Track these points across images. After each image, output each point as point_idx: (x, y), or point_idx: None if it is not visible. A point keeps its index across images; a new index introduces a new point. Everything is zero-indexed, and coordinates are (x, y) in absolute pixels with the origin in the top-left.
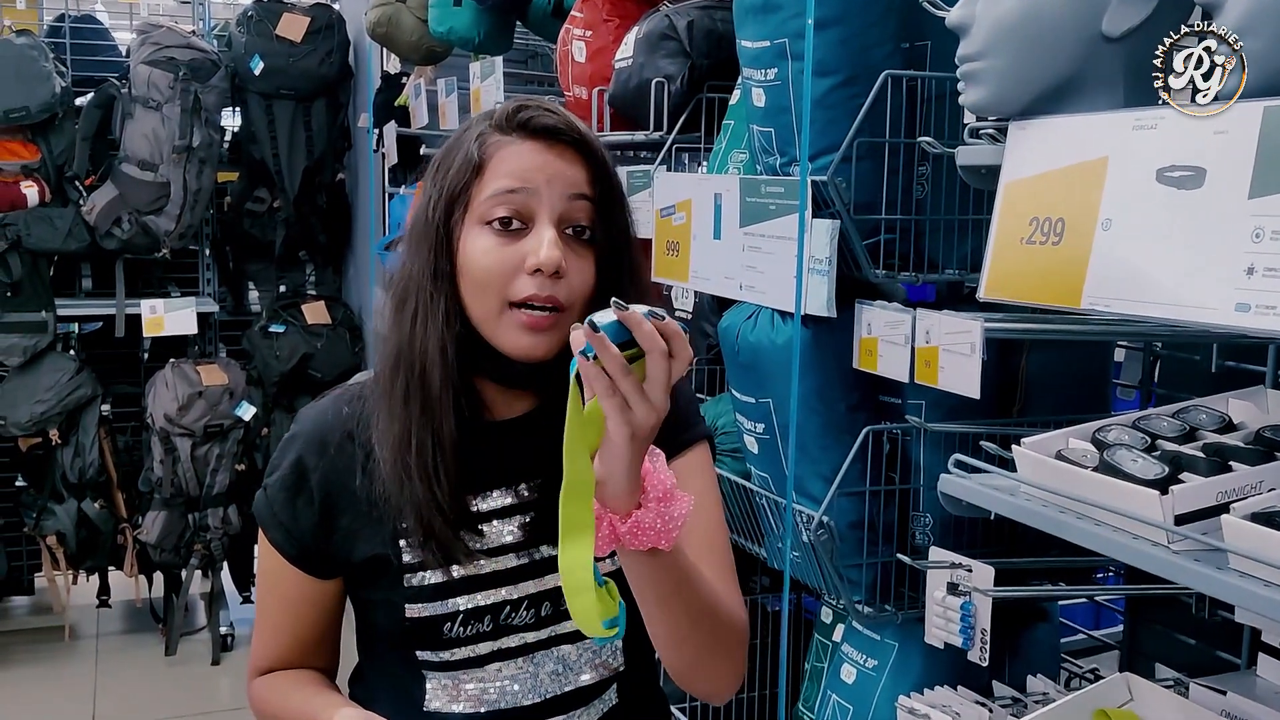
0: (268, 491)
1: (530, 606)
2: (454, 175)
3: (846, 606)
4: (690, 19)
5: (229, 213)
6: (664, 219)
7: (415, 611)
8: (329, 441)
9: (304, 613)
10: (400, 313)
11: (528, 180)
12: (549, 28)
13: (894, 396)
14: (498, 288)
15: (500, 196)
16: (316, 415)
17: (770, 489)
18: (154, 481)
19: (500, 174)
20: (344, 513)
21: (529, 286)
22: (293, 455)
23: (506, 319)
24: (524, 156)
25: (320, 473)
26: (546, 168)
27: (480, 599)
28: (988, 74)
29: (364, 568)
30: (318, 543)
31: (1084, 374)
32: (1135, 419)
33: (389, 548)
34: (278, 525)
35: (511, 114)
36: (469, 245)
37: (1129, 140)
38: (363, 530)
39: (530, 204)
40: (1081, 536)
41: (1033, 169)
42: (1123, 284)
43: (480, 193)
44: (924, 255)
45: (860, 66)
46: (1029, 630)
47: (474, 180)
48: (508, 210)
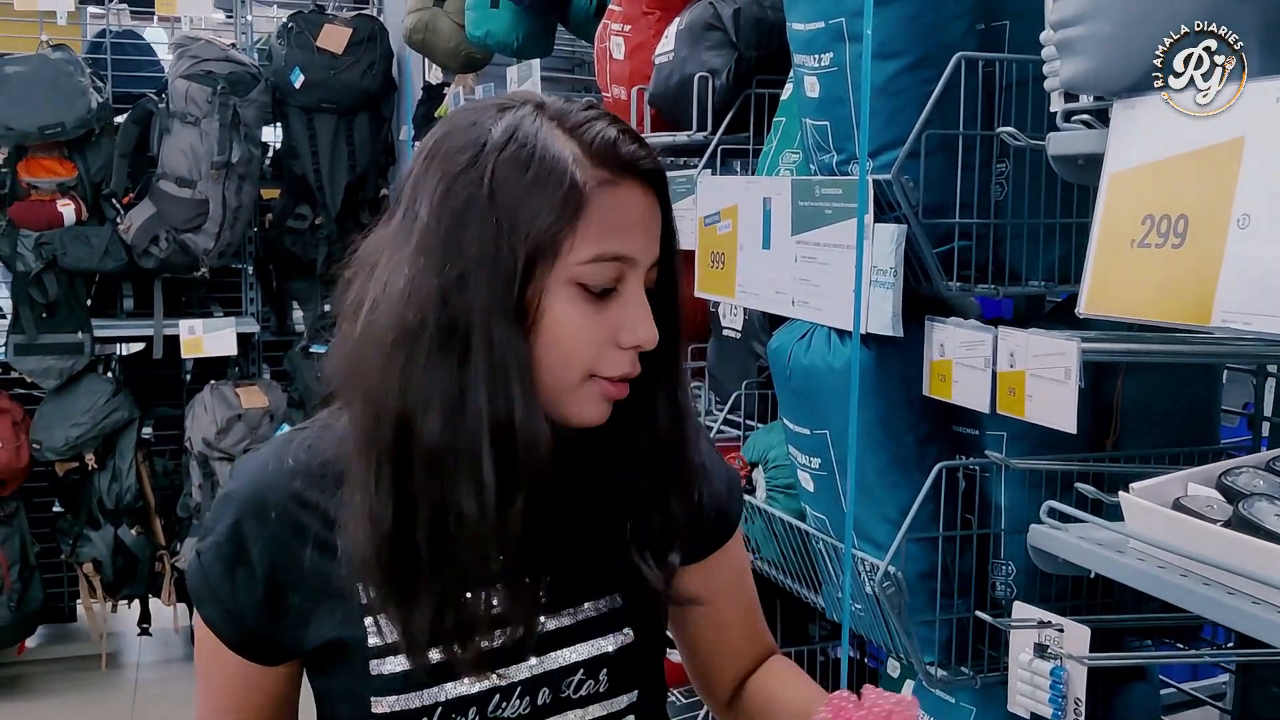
0: (201, 559)
1: (524, 694)
2: (547, 214)
3: (917, 667)
4: (737, 6)
5: (271, 230)
6: (708, 228)
7: (384, 706)
8: (268, 505)
9: (249, 702)
10: (459, 373)
11: (633, 248)
12: (592, 30)
13: (970, 427)
14: (586, 362)
15: (606, 262)
16: (253, 473)
17: (828, 532)
18: (193, 507)
19: (605, 230)
20: (293, 589)
21: (622, 364)
22: (229, 519)
23: (586, 389)
24: (629, 210)
25: (261, 544)
26: (647, 226)
27: (464, 687)
28: (1089, 42)
29: (320, 654)
30: (262, 626)
31: (1188, 401)
32: (1269, 460)
33: (351, 628)
34: (214, 602)
35: (615, 145)
36: (555, 307)
37: (1273, 115)
38: (317, 610)
39: (626, 271)
40: (1211, 608)
41: (1145, 156)
42: (1266, 296)
43: (579, 245)
44: (1003, 265)
45: (931, 47)
46: (1126, 690)
47: (569, 225)
48: (608, 281)
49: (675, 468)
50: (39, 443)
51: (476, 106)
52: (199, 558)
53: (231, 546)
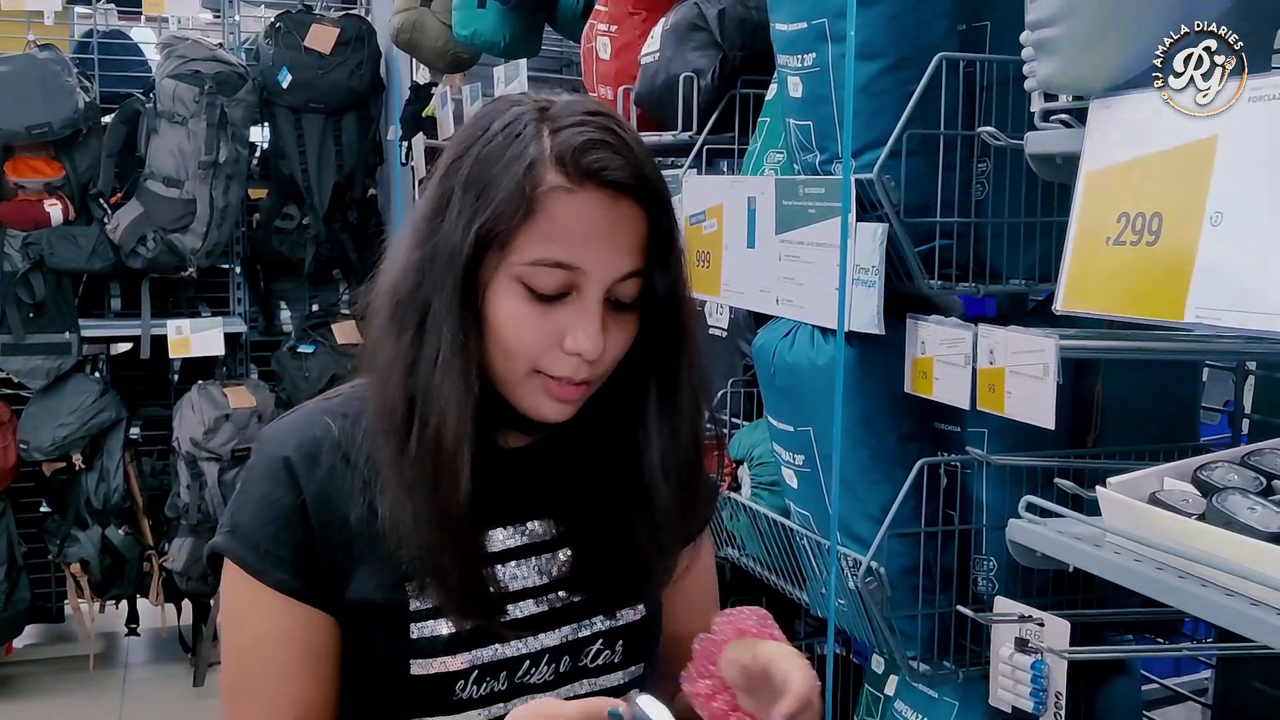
0: (239, 532)
1: (551, 660)
2: (497, 207)
3: (899, 662)
4: (721, 7)
5: (258, 230)
6: (694, 227)
7: (422, 668)
8: (320, 459)
9: (321, 671)
10: (415, 347)
11: (582, 259)
12: (579, 30)
13: (952, 424)
14: (527, 358)
15: (549, 267)
16: (300, 428)
17: (812, 528)
18: (180, 507)
19: (553, 235)
20: (339, 546)
21: (564, 366)
22: (278, 457)
23: (531, 383)
24: (584, 219)
25: (313, 492)
26: (606, 237)
27: (500, 651)
28: (1066, 41)
29: (360, 613)
30: (320, 566)
31: (1168, 397)
32: (1244, 454)
33: (393, 591)
34: (273, 561)
35: (579, 151)
36: (499, 300)
37: (1244, 114)
38: (359, 569)
39: (578, 280)
40: (1185, 600)
41: (1121, 155)
42: (1237, 292)
43: (524, 243)
44: (984, 263)
45: (912, 48)
46: (1107, 684)
47: (520, 224)
48: (553, 287)
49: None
50: (26, 443)
51: (500, 101)
52: (233, 534)
53: (280, 497)
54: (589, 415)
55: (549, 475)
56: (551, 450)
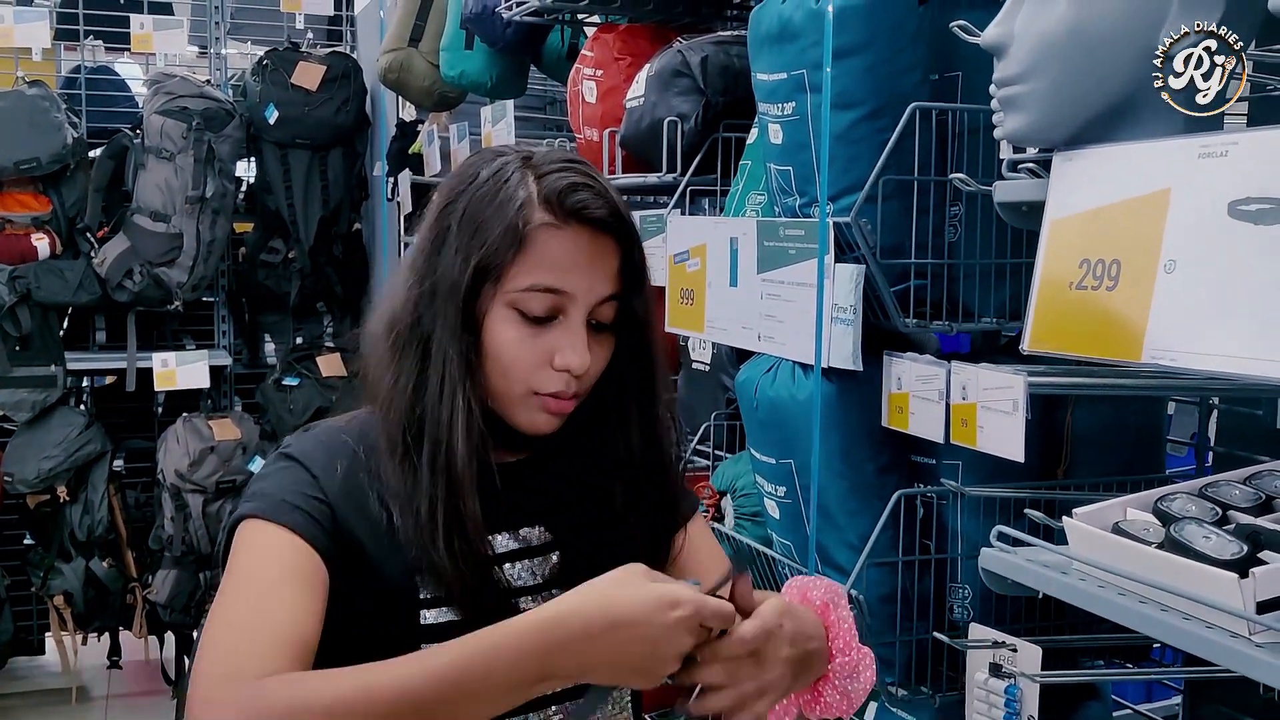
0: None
1: None
2: (492, 243)
3: (878, 687)
4: (704, 54)
5: (244, 264)
6: (677, 265)
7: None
8: (336, 463)
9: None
10: (419, 374)
11: (568, 284)
12: (564, 71)
13: (928, 457)
14: (523, 378)
15: (540, 293)
16: (325, 437)
17: (794, 558)
18: (164, 539)
19: (544, 265)
20: (356, 532)
21: (556, 382)
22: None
23: (527, 402)
24: (570, 251)
25: (333, 490)
26: (589, 267)
27: None
28: (1030, 98)
29: (373, 597)
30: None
31: (1135, 431)
32: (1201, 486)
33: (403, 579)
34: (290, 508)
35: (564, 194)
36: (496, 326)
37: (1195, 169)
38: (374, 556)
39: (565, 304)
40: (1146, 624)
41: (1082, 205)
42: (1190, 334)
43: (517, 274)
44: (957, 303)
45: (886, 97)
46: (1080, 709)
47: (513, 256)
48: (543, 309)
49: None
50: (11, 475)
51: (485, 152)
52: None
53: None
54: (573, 429)
55: (537, 486)
56: (542, 465)
